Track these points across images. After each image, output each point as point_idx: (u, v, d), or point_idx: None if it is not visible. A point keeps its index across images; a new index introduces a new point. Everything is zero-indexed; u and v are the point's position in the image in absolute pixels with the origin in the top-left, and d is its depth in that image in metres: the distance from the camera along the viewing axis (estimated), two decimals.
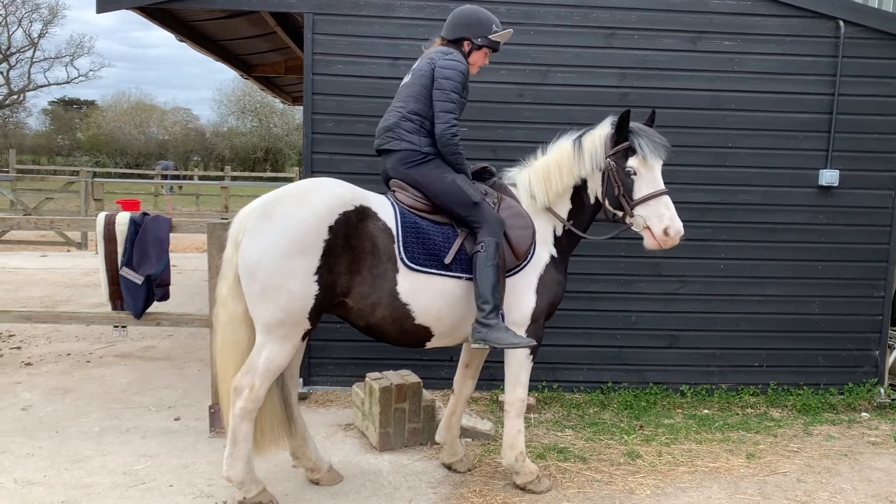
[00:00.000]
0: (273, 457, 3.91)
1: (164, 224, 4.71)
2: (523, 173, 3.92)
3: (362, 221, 3.47)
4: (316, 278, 3.35)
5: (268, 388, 3.48)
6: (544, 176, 3.80)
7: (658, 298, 5.50)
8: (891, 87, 5.50)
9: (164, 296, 4.73)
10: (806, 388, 5.62)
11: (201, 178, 28.12)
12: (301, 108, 7.32)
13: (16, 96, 38.64)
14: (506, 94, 5.29)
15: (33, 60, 38.08)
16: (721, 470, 4.33)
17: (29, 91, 39.21)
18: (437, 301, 3.57)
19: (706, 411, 5.36)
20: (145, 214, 4.77)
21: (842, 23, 5.37)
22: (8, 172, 19.65)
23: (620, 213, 3.71)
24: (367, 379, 4.59)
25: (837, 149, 5.49)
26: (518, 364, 3.79)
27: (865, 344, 5.67)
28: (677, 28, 5.33)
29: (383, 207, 3.60)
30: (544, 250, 3.82)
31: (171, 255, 4.76)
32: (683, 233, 3.58)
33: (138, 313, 4.68)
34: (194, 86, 79.93)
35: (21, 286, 9.14)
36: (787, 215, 5.52)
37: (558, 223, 3.86)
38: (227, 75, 51.32)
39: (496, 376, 4.93)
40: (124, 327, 5.20)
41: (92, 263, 10.76)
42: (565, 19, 5.27)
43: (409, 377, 4.57)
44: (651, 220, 3.58)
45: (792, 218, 5.53)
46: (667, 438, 4.76)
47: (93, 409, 4.94)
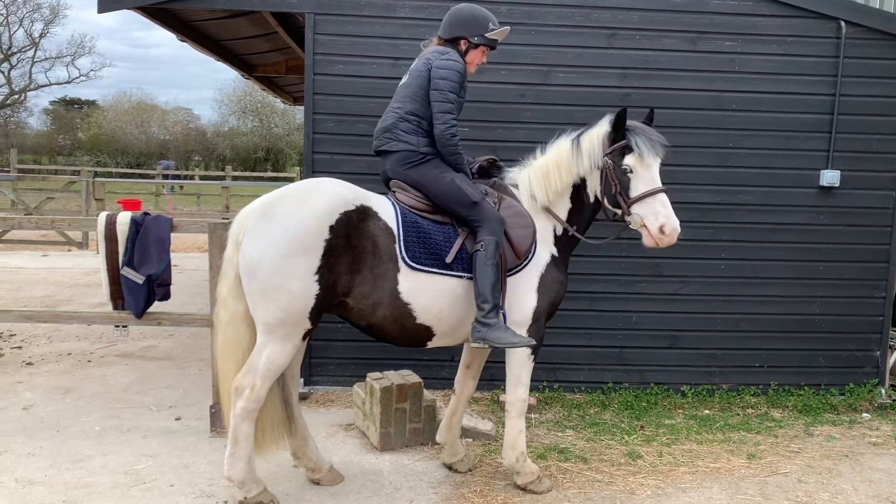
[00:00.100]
0: (274, 457, 3.91)
1: (166, 224, 4.72)
2: (523, 173, 3.92)
3: (363, 221, 3.48)
4: (317, 278, 3.35)
5: (269, 388, 3.49)
6: (543, 175, 3.81)
7: (659, 299, 5.50)
8: (892, 88, 5.50)
9: (165, 295, 4.74)
10: (807, 389, 5.62)
11: (202, 177, 28.14)
12: (302, 108, 7.33)
13: (17, 96, 38.68)
14: (507, 94, 5.29)
15: (34, 60, 38.18)
16: (722, 470, 4.32)
17: (30, 91, 39.29)
18: (439, 300, 3.57)
19: (707, 412, 5.36)
20: (146, 214, 4.78)
21: (843, 23, 5.37)
22: (9, 172, 19.67)
23: (619, 212, 3.71)
24: (367, 379, 4.59)
25: (838, 149, 5.49)
26: (519, 364, 3.79)
27: (866, 344, 5.67)
28: (678, 28, 5.33)
29: (384, 207, 3.60)
30: (545, 249, 3.82)
31: (171, 254, 4.78)
32: (680, 231, 3.56)
33: (139, 313, 4.69)
34: (195, 86, 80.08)
35: (22, 286, 9.15)
36: (788, 216, 5.52)
37: (558, 222, 3.86)
38: (227, 75, 51.36)
39: (497, 376, 4.93)
40: (125, 327, 5.21)
41: (93, 263, 10.76)
42: (566, 19, 5.27)
43: (410, 377, 4.57)
44: (647, 218, 3.57)
45: (793, 218, 5.52)
46: (667, 439, 4.76)
47: (94, 408, 4.94)
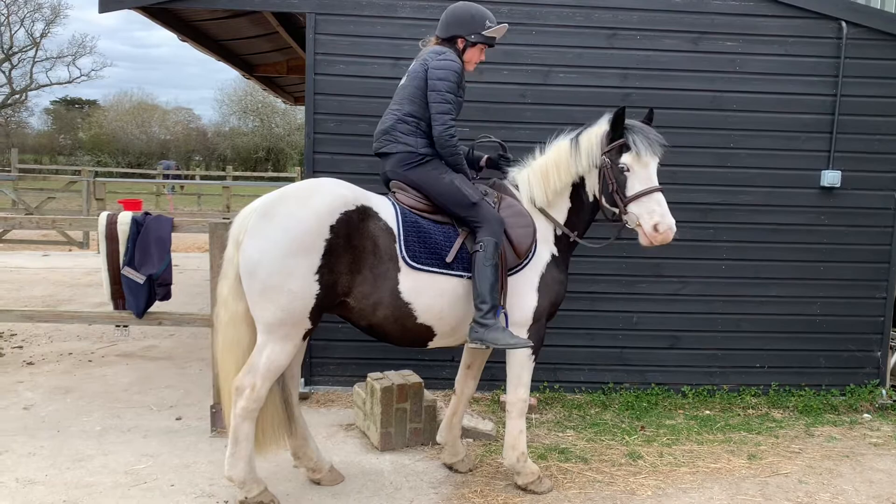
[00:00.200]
0: (274, 457, 3.92)
1: (166, 224, 4.72)
2: (523, 173, 3.92)
3: (364, 221, 3.48)
4: (317, 278, 3.35)
5: (269, 388, 3.49)
6: (543, 175, 3.80)
7: (660, 299, 5.50)
8: (893, 89, 5.49)
9: (166, 295, 4.74)
10: (807, 389, 5.62)
11: (203, 177, 28.16)
12: (303, 108, 7.33)
13: (18, 96, 38.72)
14: (508, 94, 5.29)
15: (35, 60, 38.24)
16: (722, 471, 4.32)
17: (31, 90, 39.33)
18: (439, 300, 3.57)
19: (708, 412, 5.36)
20: (147, 214, 4.79)
21: (844, 24, 5.36)
22: (10, 172, 19.69)
23: (617, 211, 3.70)
24: (368, 379, 4.59)
25: (839, 150, 5.48)
26: (520, 364, 3.79)
27: (867, 345, 5.66)
28: (679, 29, 5.33)
29: (384, 207, 3.60)
30: (545, 249, 3.82)
31: (172, 254, 4.78)
32: (675, 230, 3.54)
33: (140, 313, 4.69)
34: (196, 85, 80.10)
35: (23, 285, 9.15)
36: (789, 216, 5.52)
37: (560, 220, 3.86)
38: (228, 75, 51.36)
39: (498, 377, 4.93)
40: (126, 327, 5.21)
41: (94, 263, 10.76)
42: (567, 20, 5.27)
43: (410, 377, 4.57)
44: (643, 217, 3.56)
45: (794, 219, 5.52)
46: (668, 439, 4.76)
47: (94, 408, 4.94)
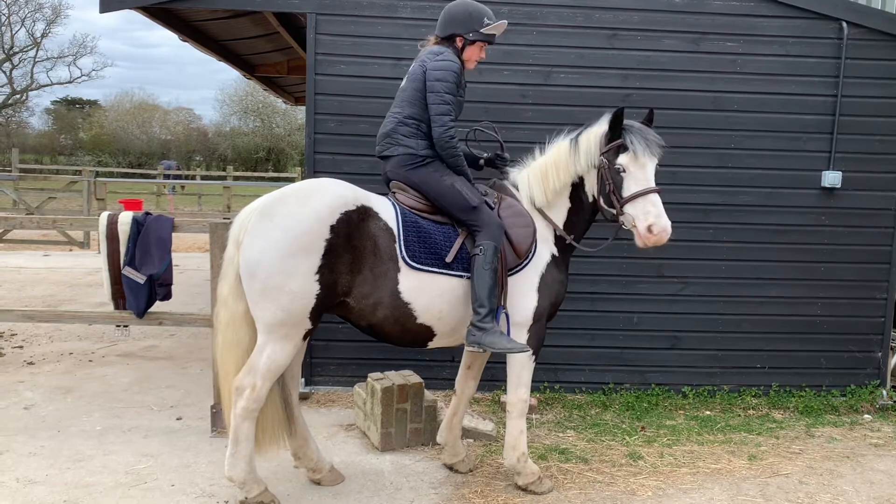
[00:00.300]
0: (275, 457, 3.91)
1: (167, 224, 4.72)
2: (523, 173, 3.92)
3: (364, 221, 3.48)
4: (317, 278, 3.35)
5: (269, 388, 3.49)
6: (542, 175, 3.80)
7: (660, 299, 5.49)
8: (894, 89, 5.49)
9: (167, 295, 4.74)
10: (808, 390, 5.61)
11: (203, 177, 28.13)
12: (303, 108, 7.33)
13: (19, 96, 38.73)
14: (508, 94, 5.29)
15: (36, 60, 38.23)
16: (723, 471, 4.32)
17: (32, 90, 39.34)
18: (439, 300, 3.57)
19: (708, 413, 5.35)
20: (148, 214, 4.79)
21: (845, 24, 5.36)
22: (11, 172, 19.72)
23: (614, 212, 3.69)
24: (368, 379, 4.59)
25: (840, 150, 5.48)
26: (520, 364, 3.79)
27: (868, 346, 5.66)
28: (680, 29, 5.33)
29: (384, 207, 3.60)
30: (545, 249, 3.82)
31: (173, 254, 4.78)
32: (670, 231, 3.51)
33: (140, 313, 4.70)
34: (197, 86, 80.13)
35: (24, 285, 9.16)
36: (790, 217, 5.51)
37: (559, 221, 3.85)
38: (229, 75, 51.42)
39: (498, 377, 4.93)
40: (126, 326, 5.21)
41: (94, 263, 10.76)
42: (568, 20, 5.27)
43: (410, 377, 4.57)
44: (638, 218, 3.55)
45: (794, 219, 5.52)
46: (668, 440, 4.76)
47: (95, 408, 4.94)
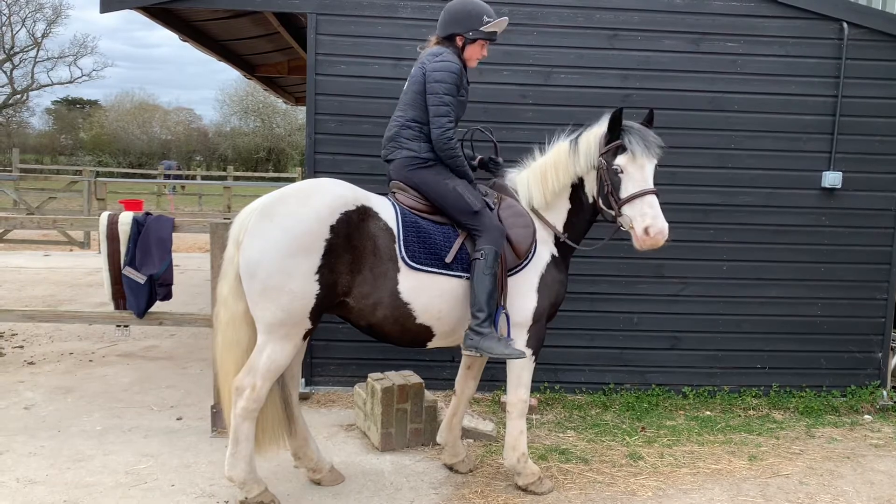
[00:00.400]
0: (275, 457, 3.91)
1: (167, 224, 4.72)
2: (522, 174, 3.92)
3: (363, 221, 3.48)
4: (317, 278, 3.35)
5: (269, 388, 3.49)
6: (541, 176, 3.80)
7: (660, 300, 5.49)
8: (894, 90, 5.49)
9: (167, 295, 4.74)
10: (808, 391, 5.61)
11: (204, 178, 28.12)
12: (304, 108, 7.33)
13: (19, 96, 38.73)
14: (509, 94, 5.29)
15: (37, 60, 38.22)
16: (723, 472, 4.32)
17: (32, 91, 39.34)
18: (438, 301, 3.57)
19: (708, 413, 5.35)
20: (148, 214, 4.79)
21: (845, 24, 5.36)
22: (11, 172, 19.73)
23: (613, 213, 3.68)
24: (369, 379, 4.59)
25: (840, 151, 5.48)
26: (520, 365, 3.79)
27: (868, 346, 5.66)
28: (680, 29, 5.33)
29: (384, 207, 3.60)
30: (545, 249, 3.81)
31: (173, 254, 4.78)
32: (667, 233, 3.49)
33: (141, 313, 4.70)
34: (197, 86, 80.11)
35: (24, 285, 9.16)
36: (790, 217, 5.51)
37: (558, 221, 3.85)
38: (229, 75, 51.40)
39: (498, 377, 4.94)
40: (127, 327, 5.21)
41: (95, 263, 10.76)
42: (568, 20, 5.27)
43: (411, 378, 4.57)
44: (635, 220, 3.54)
45: (795, 220, 5.51)
46: (669, 440, 4.76)
47: (95, 408, 4.94)
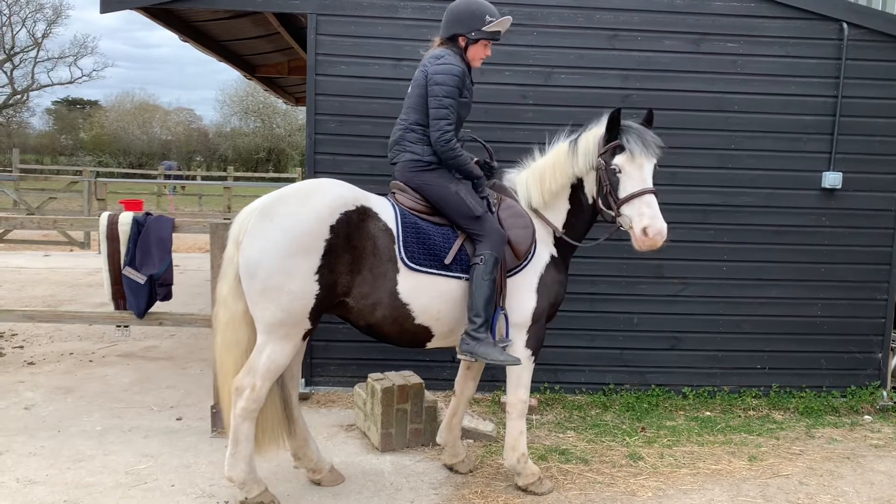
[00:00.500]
0: (275, 457, 3.91)
1: (167, 224, 4.72)
2: (522, 175, 3.92)
3: (363, 221, 3.48)
4: (317, 278, 3.35)
5: (269, 388, 3.49)
6: (540, 176, 3.81)
7: (660, 300, 5.49)
8: (894, 90, 5.49)
9: (167, 296, 4.74)
10: (808, 391, 5.61)
11: (204, 178, 28.14)
12: (304, 108, 7.33)
13: (19, 96, 38.73)
14: (509, 95, 5.29)
15: (37, 60, 38.19)
16: (723, 472, 4.32)
17: (32, 91, 39.31)
18: (437, 301, 3.57)
19: (708, 413, 5.35)
20: (148, 214, 4.79)
21: (845, 25, 5.36)
22: (11, 172, 19.73)
23: (613, 214, 3.67)
24: (369, 379, 4.59)
25: (841, 151, 5.48)
26: (520, 365, 3.78)
27: (868, 346, 5.66)
28: (680, 30, 5.33)
29: (384, 208, 3.60)
30: (545, 250, 3.82)
31: (173, 255, 4.78)
32: (665, 234, 3.47)
33: (141, 313, 4.70)
34: (197, 86, 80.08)
35: (24, 285, 9.16)
36: (790, 218, 5.51)
37: (558, 222, 3.85)
38: (230, 76, 51.38)
39: (498, 377, 4.94)
40: (127, 327, 5.21)
41: (95, 263, 10.76)
42: (568, 21, 5.27)
43: (411, 378, 4.57)
44: (634, 220, 3.53)
45: (795, 220, 5.51)
46: (669, 440, 4.76)
47: (95, 408, 4.94)
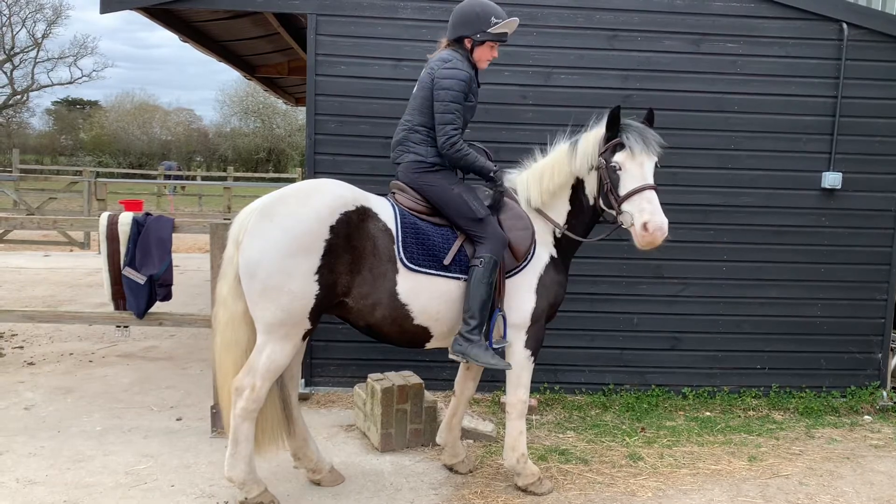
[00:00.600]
0: (275, 457, 3.91)
1: (167, 224, 4.72)
2: (522, 175, 3.92)
3: (363, 222, 3.48)
4: (317, 278, 3.36)
5: (269, 389, 3.49)
6: (539, 175, 3.81)
7: (660, 300, 5.49)
8: (894, 90, 5.49)
9: (167, 296, 4.74)
10: (808, 391, 5.61)
11: (204, 178, 28.12)
12: (304, 108, 7.33)
13: (19, 96, 38.72)
14: (509, 95, 5.29)
15: (37, 60, 38.16)
16: (723, 472, 4.32)
17: (32, 91, 39.30)
18: (436, 302, 3.58)
19: (708, 413, 5.35)
20: (148, 214, 4.79)
21: (845, 25, 5.36)
22: (11, 172, 19.74)
23: (614, 213, 3.66)
24: (368, 380, 4.59)
25: (840, 152, 5.48)
26: (520, 365, 3.79)
27: (868, 347, 5.66)
28: (680, 30, 5.33)
29: (383, 208, 3.61)
30: (544, 251, 3.82)
31: (173, 255, 4.78)
32: (666, 230, 3.44)
33: (141, 313, 4.70)
34: (197, 86, 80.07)
35: (24, 286, 9.16)
36: (790, 218, 5.51)
37: (558, 222, 3.85)
38: (230, 76, 51.40)
39: (498, 378, 4.94)
40: (126, 327, 5.21)
41: (95, 263, 10.76)
42: (568, 21, 5.27)
43: (410, 378, 4.57)
44: (634, 216, 3.50)
45: (794, 220, 5.52)
46: (668, 440, 4.76)
47: (95, 408, 4.94)
